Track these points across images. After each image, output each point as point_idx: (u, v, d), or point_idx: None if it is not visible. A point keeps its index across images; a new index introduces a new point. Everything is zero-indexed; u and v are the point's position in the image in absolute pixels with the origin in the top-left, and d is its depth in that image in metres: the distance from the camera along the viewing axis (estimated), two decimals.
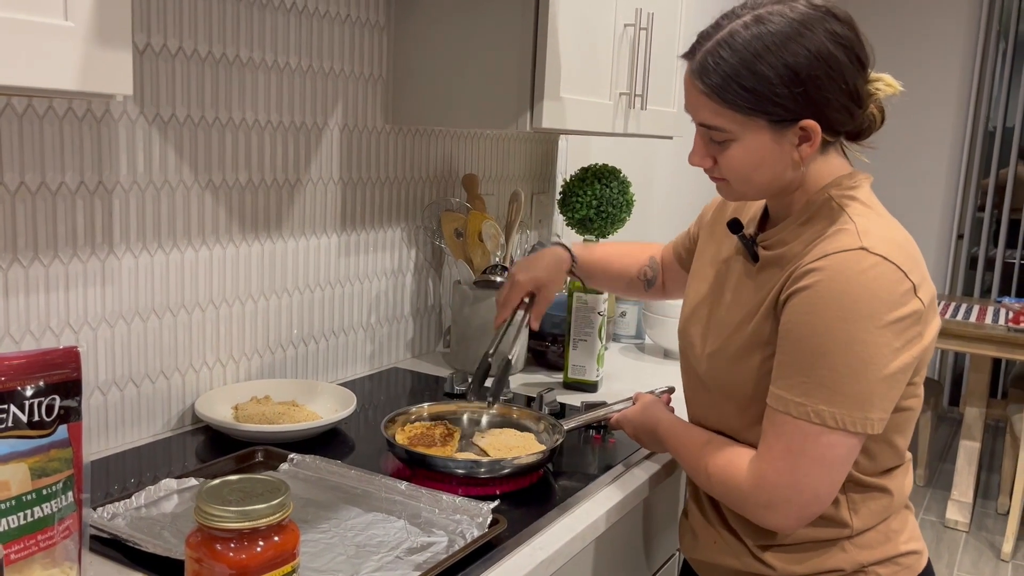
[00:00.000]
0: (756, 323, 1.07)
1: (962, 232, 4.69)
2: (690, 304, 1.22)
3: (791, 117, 0.99)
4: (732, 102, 0.99)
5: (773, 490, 1.02)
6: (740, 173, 1.05)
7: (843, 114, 1.01)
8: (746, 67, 0.98)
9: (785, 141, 1.01)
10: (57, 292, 1.20)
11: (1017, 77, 4.54)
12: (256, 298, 1.50)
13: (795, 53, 0.97)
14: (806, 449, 0.99)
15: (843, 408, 0.97)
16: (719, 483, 1.08)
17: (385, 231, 1.77)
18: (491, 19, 1.56)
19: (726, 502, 1.10)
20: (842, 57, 0.98)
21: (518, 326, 1.46)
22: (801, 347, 0.99)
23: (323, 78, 1.57)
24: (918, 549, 1.13)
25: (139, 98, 1.27)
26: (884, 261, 0.97)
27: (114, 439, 1.31)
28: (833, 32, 0.98)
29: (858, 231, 1.00)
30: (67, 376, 0.84)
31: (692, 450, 1.15)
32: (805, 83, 0.97)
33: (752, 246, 1.12)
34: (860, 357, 0.96)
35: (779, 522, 1.03)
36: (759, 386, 1.06)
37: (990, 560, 3.26)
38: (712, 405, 1.15)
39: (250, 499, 0.77)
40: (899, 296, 0.97)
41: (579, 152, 2.47)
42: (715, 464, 1.09)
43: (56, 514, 0.83)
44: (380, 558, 0.99)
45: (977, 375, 3.47)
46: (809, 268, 0.99)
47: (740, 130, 1.01)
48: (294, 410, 1.41)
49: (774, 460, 1.01)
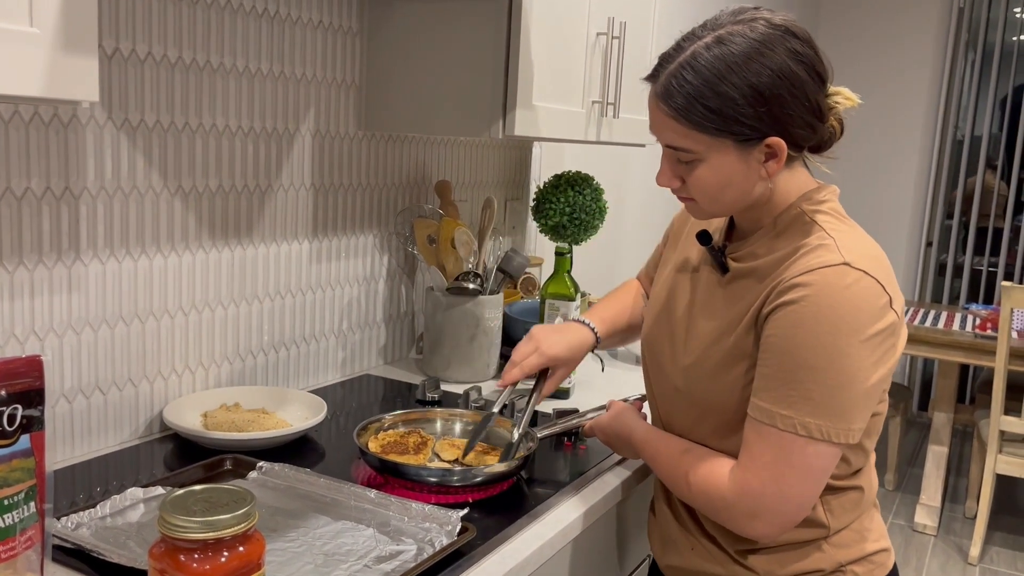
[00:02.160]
0: (736, 336, 1.07)
1: (931, 239, 4.75)
2: (653, 313, 1.23)
3: (756, 136, 1.01)
4: (698, 123, 1.00)
5: (758, 499, 1.02)
6: (708, 193, 1.06)
7: (806, 130, 1.03)
8: (710, 88, 0.98)
9: (752, 159, 1.03)
10: (22, 299, 1.19)
11: (985, 87, 4.62)
12: (226, 304, 1.49)
13: (758, 73, 0.98)
14: (792, 460, 1.00)
15: (828, 420, 0.99)
16: (700, 492, 1.09)
17: (357, 237, 1.77)
18: (464, 27, 1.56)
19: (706, 511, 1.10)
20: (803, 74, 1.00)
21: (528, 401, 1.36)
22: (787, 360, 1.00)
23: (295, 84, 1.56)
24: (887, 547, 1.17)
25: (107, 103, 1.26)
26: (865, 276, 0.99)
27: (80, 447, 1.29)
28: (793, 50, 1.00)
29: (838, 246, 1.02)
30: (30, 385, 0.83)
31: (670, 460, 1.15)
32: (769, 102, 0.98)
33: (721, 257, 1.13)
34: (846, 371, 0.98)
35: (762, 530, 1.04)
36: (741, 397, 1.08)
37: (958, 564, 3.30)
38: (688, 415, 1.16)
39: (214, 509, 0.76)
40: (878, 310, 0.99)
41: (553, 159, 2.48)
42: (695, 474, 1.09)
43: (18, 524, 0.82)
44: (348, 567, 0.99)
45: (945, 381, 3.51)
46: (794, 283, 1.01)
47: (706, 151, 1.02)
48: (264, 418, 1.40)
49: (759, 471, 1.02)
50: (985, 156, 4.64)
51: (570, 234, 2.07)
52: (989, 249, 4.67)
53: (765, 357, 1.02)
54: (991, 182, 4.67)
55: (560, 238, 2.09)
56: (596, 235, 2.20)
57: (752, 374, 1.05)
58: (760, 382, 1.03)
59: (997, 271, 4.64)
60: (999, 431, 3.13)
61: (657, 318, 1.22)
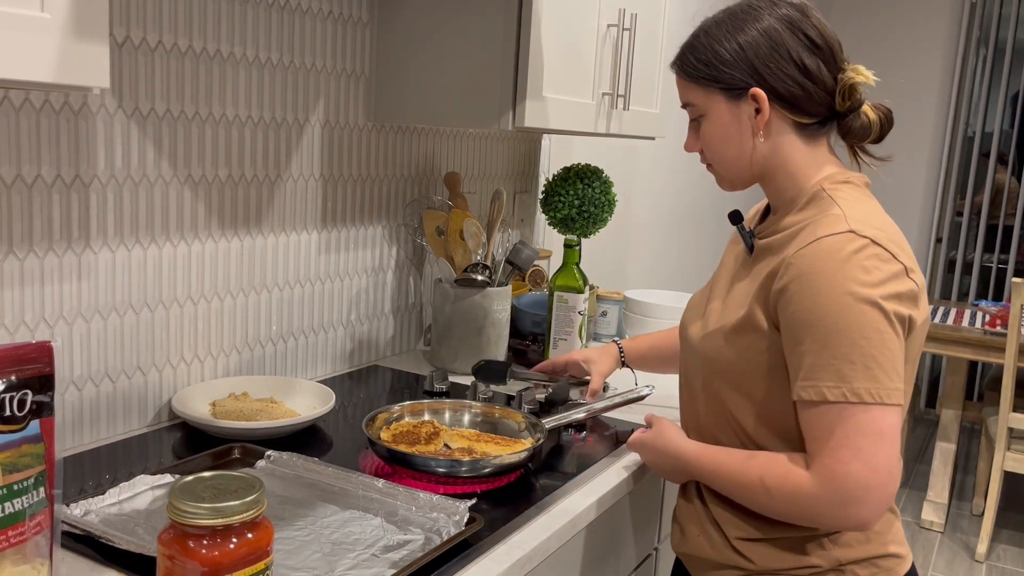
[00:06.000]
0: (749, 306, 1.09)
1: (940, 236, 4.73)
2: (695, 297, 1.28)
3: (740, 85, 1.09)
4: (691, 75, 1.13)
5: (846, 480, 0.98)
6: (713, 148, 1.15)
7: (794, 86, 1.08)
8: (700, 41, 1.13)
9: (741, 112, 1.11)
10: (32, 286, 1.19)
11: (996, 83, 4.59)
12: (235, 294, 1.49)
13: (741, 28, 1.10)
14: (861, 428, 0.97)
15: (872, 382, 0.97)
16: (783, 497, 1.03)
17: (366, 228, 1.77)
18: (475, 18, 1.55)
19: (792, 516, 1.04)
20: (784, 30, 1.08)
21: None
22: (816, 332, 0.99)
23: (305, 74, 1.56)
24: (901, 553, 1.13)
25: (117, 92, 1.26)
26: (872, 243, 1.00)
27: (89, 435, 1.30)
28: (781, 14, 1.10)
29: (846, 216, 1.04)
30: (40, 371, 0.83)
31: (737, 469, 1.09)
32: (744, 48, 1.09)
33: (749, 237, 1.17)
34: (874, 327, 0.98)
35: (862, 514, 0.99)
36: (749, 364, 1.08)
37: (964, 561, 3.29)
38: (706, 390, 1.16)
39: (223, 496, 0.76)
40: (891, 274, 1.00)
41: (562, 151, 2.47)
42: (771, 477, 1.04)
43: (27, 510, 0.82)
44: (356, 556, 0.99)
45: (953, 377, 3.50)
46: (801, 254, 1.02)
47: (704, 103, 1.13)
48: (272, 407, 1.40)
49: (834, 452, 0.98)
50: (996, 152, 4.61)
51: (579, 227, 2.07)
52: (999, 245, 4.65)
53: (793, 335, 1.02)
54: (1002, 178, 4.64)
55: (569, 230, 2.09)
56: (604, 228, 2.20)
57: (763, 345, 1.06)
58: (796, 362, 1.02)
59: (1007, 267, 4.62)
60: (1008, 428, 3.12)
61: (694, 301, 1.26)
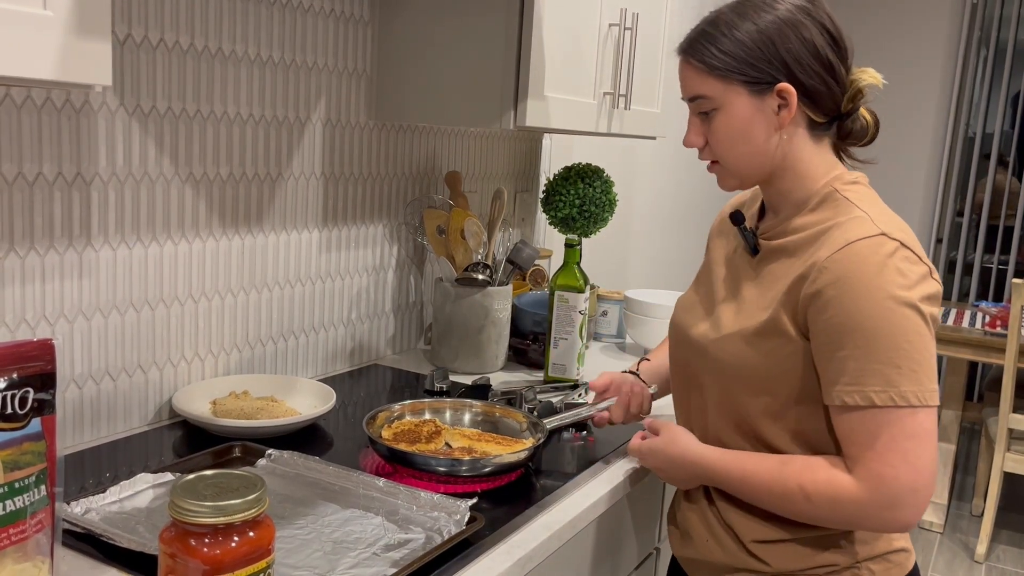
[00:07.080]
0: (775, 310, 1.07)
1: (941, 236, 4.73)
2: (689, 297, 1.24)
3: (767, 79, 1.06)
4: (712, 66, 1.07)
5: (894, 485, 0.98)
6: (725, 145, 1.10)
7: (819, 83, 1.06)
8: (723, 34, 1.07)
9: (765, 107, 1.07)
10: (33, 284, 1.19)
11: (997, 84, 4.59)
12: (236, 292, 1.49)
13: (765, 19, 1.06)
14: (908, 431, 0.98)
15: (917, 385, 0.98)
16: (824, 503, 1.02)
17: (367, 227, 1.76)
18: (476, 17, 1.55)
19: (834, 520, 1.04)
20: (810, 24, 1.06)
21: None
22: (858, 337, 0.99)
23: (306, 72, 1.56)
24: (907, 548, 1.15)
25: (119, 89, 1.25)
26: (903, 247, 1.01)
27: (90, 433, 1.29)
28: (801, 6, 1.07)
29: (872, 219, 1.04)
30: (41, 369, 0.83)
31: (771, 478, 1.06)
32: (776, 44, 1.05)
33: (753, 239, 1.15)
34: (914, 331, 0.99)
35: (908, 516, 0.99)
36: (772, 369, 1.07)
37: (964, 561, 3.29)
38: (719, 392, 1.13)
39: (225, 494, 0.76)
40: (921, 277, 1.01)
41: (562, 151, 2.47)
42: (812, 483, 1.03)
43: (28, 508, 0.82)
44: (357, 554, 0.99)
45: (954, 378, 3.50)
46: (835, 258, 1.01)
47: (722, 96, 1.08)
48: (273, 405, 1.40)
49: (880, 456, 0.99)
50: (996, 153, 4.61)
51: (579, 226, 2.07)
52: (999, 246, 4.65)
53: (831, 340, 1.01)
54: (1002, 179, 4.64)
55: (569, 230, 2.09)
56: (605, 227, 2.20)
57: (787, 349, 1.05)
58: (836, 366, 1.01)
59: (1007, 268, 4.62)
60: (1008, 429, 3.12)
61: (691, 301, 1.23)
